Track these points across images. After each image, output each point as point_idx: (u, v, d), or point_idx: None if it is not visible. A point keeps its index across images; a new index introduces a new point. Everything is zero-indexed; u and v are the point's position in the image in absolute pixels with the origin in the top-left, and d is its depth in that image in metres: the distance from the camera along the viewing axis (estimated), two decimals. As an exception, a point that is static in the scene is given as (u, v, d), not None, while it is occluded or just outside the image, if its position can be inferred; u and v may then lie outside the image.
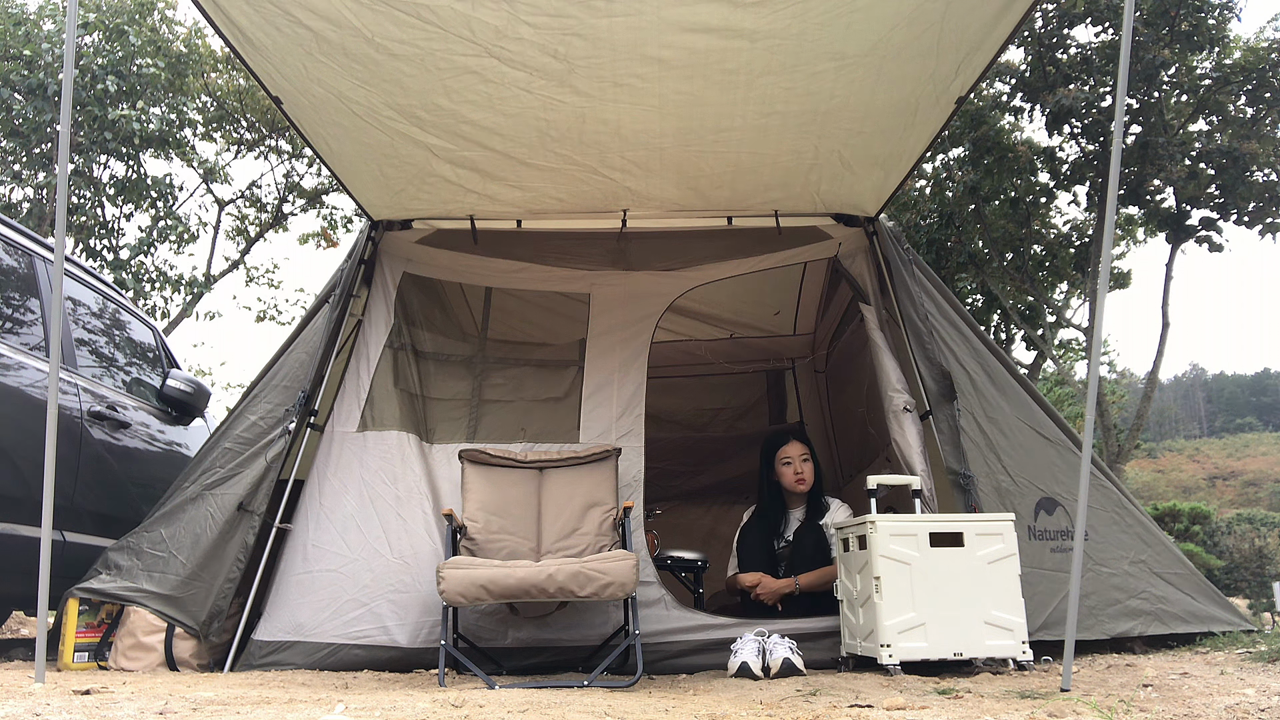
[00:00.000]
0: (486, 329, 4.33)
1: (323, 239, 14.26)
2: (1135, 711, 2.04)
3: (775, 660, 2.96)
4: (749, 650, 3.02)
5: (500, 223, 4.18)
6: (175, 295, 12.04)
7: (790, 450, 4.00)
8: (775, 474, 4.03)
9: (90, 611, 3.28)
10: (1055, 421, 3.80)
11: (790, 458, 3.99)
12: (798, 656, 3.01)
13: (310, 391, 3.67)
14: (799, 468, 3.96)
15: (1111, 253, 7.84)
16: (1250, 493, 45.49)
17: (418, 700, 2.11)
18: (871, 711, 2.11)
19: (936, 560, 3.06)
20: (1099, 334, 2.92)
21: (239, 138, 12.86)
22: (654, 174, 3.77)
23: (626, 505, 3.39)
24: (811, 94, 3.22)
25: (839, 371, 5.42)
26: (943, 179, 12.39)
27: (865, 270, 4.20)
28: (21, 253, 3.70)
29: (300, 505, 3.62)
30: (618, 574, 2.94)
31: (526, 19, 2.81)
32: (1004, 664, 3.10)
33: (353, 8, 2.78)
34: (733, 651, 3.09)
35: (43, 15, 9.94)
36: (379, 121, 3.35)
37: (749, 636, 3.12)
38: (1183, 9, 10.09)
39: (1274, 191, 10.57)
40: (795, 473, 3.95)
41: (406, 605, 3.39)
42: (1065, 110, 10.56)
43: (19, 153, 10.42)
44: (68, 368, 3.74)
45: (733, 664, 3.04)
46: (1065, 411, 15.27)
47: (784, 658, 2.97)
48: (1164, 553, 3.70)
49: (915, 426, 3.73)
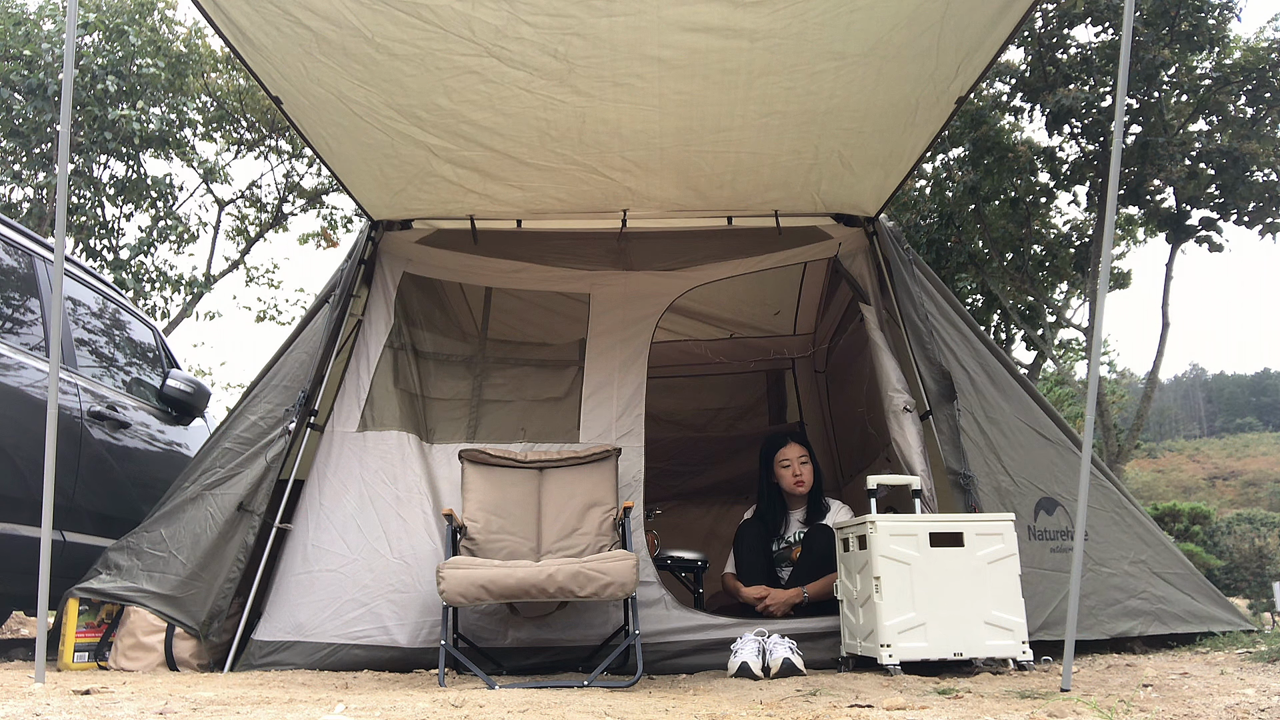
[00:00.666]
0: (486, 329, 4.33)
1: (323, 239, 14.27)
2: (1135, 711, 2.04)
3: (775, 660, 2.97)
4: (749, 650, 3.02)
5: (500, 223, 4.18)
6: (175, 295, 12.05)
7: (789, 452, 4.01)
8: (775, 476, 4.04)
9: (90, 611, 3.28)
10: (1055, 421, 3.80)
11: (789, 460, 3.99)
12: (798, 656, 3.01)
13: (310, 391, 3.67)
14: (798, 470, 3.96)
15: (1111, 253, 7.84)
16: (1250, 493, 45.47)
17: (418, 700, 2.11)
18: (871, 711, 2.11)
19: (936, 560, 3.06)
20: (1099, 334, 2.92)
21: (239, 138, 12.86)
22: (654, 174, 3.77)
23: (626, 505, 3.39)
24: (811, 94, 3.22)
25: (839, 371, 5.42)
26: (943, 179, 12.39)
27: (865, 270, 4.19)
28: (21, 253, 3.70)
29: (300, 505, 3.62)
30: (618, 574, 2.94)
31: (526, 19, 2.81)
32: (1004, 664, 3.10)
33: (353, 8, 2.78)
34: (733, 651, 3.09)
35: (43, 15, 9.94)
36: (379, 121, 3.35)
37: (749, 636, 3.12)
38: (1183, 9, 10.09)
39: (1274, 191, 10.57)
40: (794, 475, 3.96)
41: (406, 605, 3.39)
42: (1065, 110, 10.56)
43: (19, 153, 10.42)
44: (68, 368, 3.74)
45: (733, 664, 3.04)
46: (1065, 411, 15.27)
47: (784, 658, 2.97)
48: (1164, 553, 3.70)
49: (915, 426, 3.73)
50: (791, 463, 3.98)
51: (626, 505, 3.39)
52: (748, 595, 3.74)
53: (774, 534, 3.97)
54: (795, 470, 3.96)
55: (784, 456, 4.01)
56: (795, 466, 3.97)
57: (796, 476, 3.96)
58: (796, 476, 3.96)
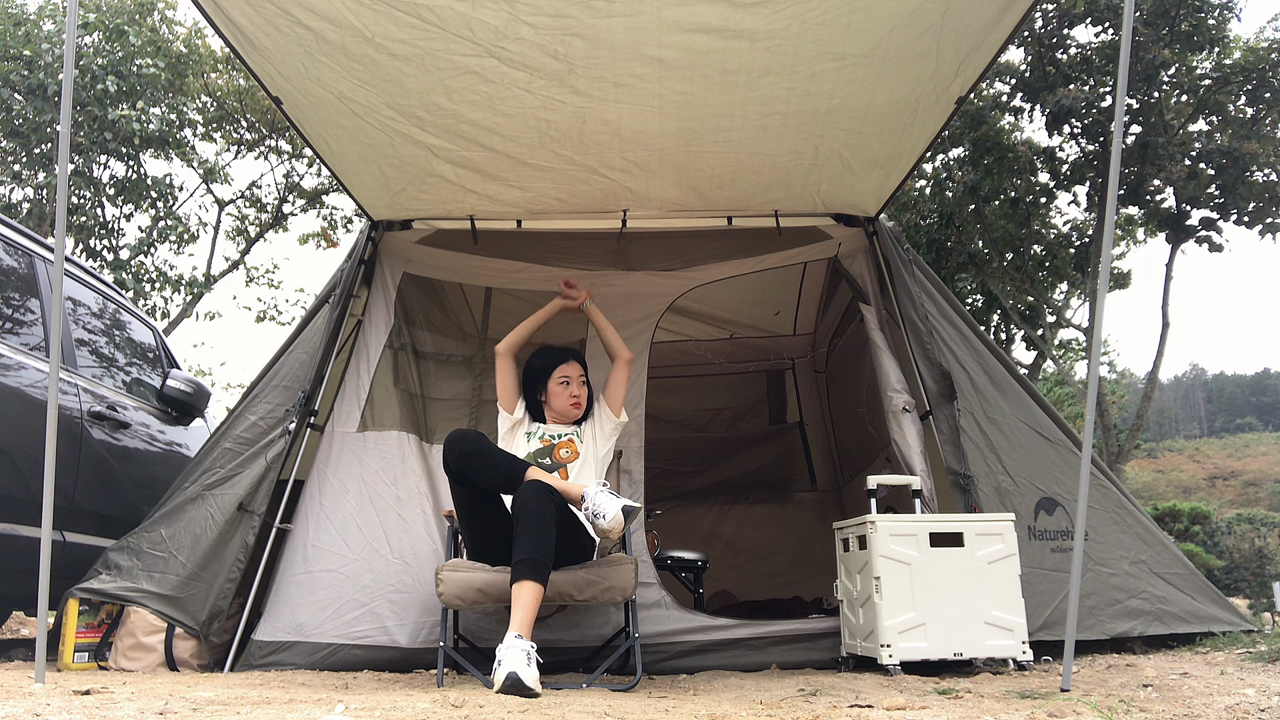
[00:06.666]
0: (486, 329, 4.33)
1: (323, 239, 14.27)
2: (1135, 711, 2.04)
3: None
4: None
5: (500, 223, 4.18)
6: (175, 295, 12.04)
7: (569, 370, 3.52)
8: (544, 394, 3.52)
9: (90, 611, 3.28)
10: (1055, 421, 3.80)
11: (569, 377, 3.50)
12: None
13: (310, 392, 3.67)
14: (576, 390, 3.50)
15: (1111, 253, 7.84)
16: (1250, 493, 45.47)
17: (418, 700, 2.11)
18: (871, 711, 2.11)
19: (936, 560, 3.07)
20: (1099, 334, 2.92)
21: (239, 138, 12.86)
22: (654, 174, 3.77)
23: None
24: (811, 94, 3.22)
25: (839, 371, 5.42)
26: (943, 179, 12.39)
27: (865, 270, 4.20)
28: (21, 253, 3.70)
29: (300, 505, 3.62)
30: (617, 578, 2.94)
31: (526, 19, 2.82)
32: (1004, 664, 3.11)
33: (353, 8, 2.78)
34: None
35: (43, 15, 9.94)
36: (379, 121, 3.35)
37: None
38: (1183, 9, 10.09)
39: (1274, 191, 10.57)
40: (572, 395, 3.48)
41: (406, 605, 3.39)
42: (1065, 110, 10.56)
43: (19, 153, 10.41)
44: (68, 368, 3.74)
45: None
46: (1065, 411, 15.26)
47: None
48: (1164, 553, 3.70)
49: (915, 426, 3.73)
50: (571, 381, 3.49)
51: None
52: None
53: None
54: (574, 391, 3.48)
55: (564, 374, 3.49)
56: (575, 386, 3.49)
57: (574, 398, 3.47)
58: (574, 398, 3.47)
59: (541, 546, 2.66)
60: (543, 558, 2.65)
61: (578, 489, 2.87)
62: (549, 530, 2.70)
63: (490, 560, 2.97)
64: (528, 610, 2.58)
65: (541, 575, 2.64)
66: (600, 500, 2.78)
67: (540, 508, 2.72)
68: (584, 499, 2.83)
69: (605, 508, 2.75)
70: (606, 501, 2.76)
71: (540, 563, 2.64)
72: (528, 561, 2.63)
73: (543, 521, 2.70)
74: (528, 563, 2.63)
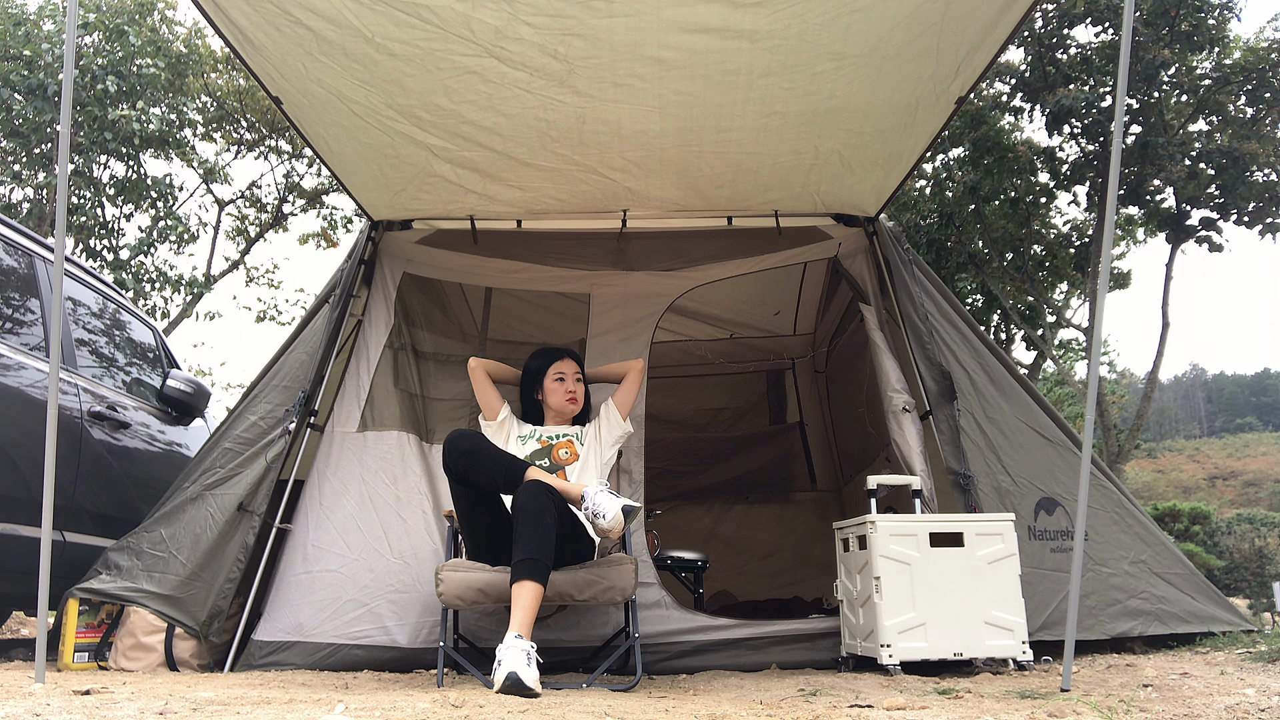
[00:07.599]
0: (486, 329, 4.33)
1: (323, 239, 14.27)
2: (1135, 711, 2.04)
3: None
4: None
5: (500, 223, 4.18)
6: (175, 295, 12.05)
7: (565, 367, 3.59)
8: (540, 392, 3.60)
9: (90, 611, 3.28)
10: (1055, 421, 3.80)
11: (564, 374, 3.58)
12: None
13: (310, 392, 3.67)
14: (572, 386, 3.57)
15: (1111, 253, 7.84)
16: (1250, 493, 45.49)
17: (418, 700, 2.10)
18: (871, 711, 2.11)
19: (936, 560, 3.07)
20: (1099, 334, 2.92)
21: (239, 138, 12.86)
22: (654, 174, 3.77)
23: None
24: (811, 94, 3.22)
25: (839, 371, 5.42)
26: (943, 179, 12.39)
27: (865, 270, 4.20)
28: (21, 253, 3.70)
29: (300, 505, 3.62)
30: (617, 578, 2.93)
31: (526, 19, 2.82)
32: (1004, 664, 3.11)
33: (353, 8, 2.78)
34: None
35: (43, 15, 9.94)
36: (379, 121, 3.35)
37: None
38: (1183, 9, 10.09)
39: (1274, 191, 10.57)
40: (569, 391, 3.56)
41: (406, 605, 3.39)
42: (1065, 110, 10.56)
43: (19, 153, 10.42)
44: (68, 368, 3.74)
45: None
46: (1065, 411, 15.27)
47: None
48: (1164, 553, 3.70)
49: (915, 426, 3.73)
50: (566, 377, 3.56)
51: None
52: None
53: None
54: (570, 386, 3.56)
55: (559, 370, 3.57)
56: (570, 382, 3.56)
57: (570, 393, 3.55)
58: (570, 393, 3.55)
59: (541, 546, 2.67)
60: (543, 558, 2.66)
61: (578, 489, 2.87)
62: (549, 530, 2.70)
63: (490, 560, 2.97)
64: (528, 610, 2.58)
65: (541, 575, 2.64)
66: (600, 500, 2.78)
67: (540, 507, 2.72)
68: (584, 499, 2.83)
69: (605, 507, 2.75)
70: (606, 501, 2.76)
71: (540, 563, 2.64)
72: (528, 561, 2.63)
73: (542, 521, 2.71)
74: (528, 563, 2.63)
